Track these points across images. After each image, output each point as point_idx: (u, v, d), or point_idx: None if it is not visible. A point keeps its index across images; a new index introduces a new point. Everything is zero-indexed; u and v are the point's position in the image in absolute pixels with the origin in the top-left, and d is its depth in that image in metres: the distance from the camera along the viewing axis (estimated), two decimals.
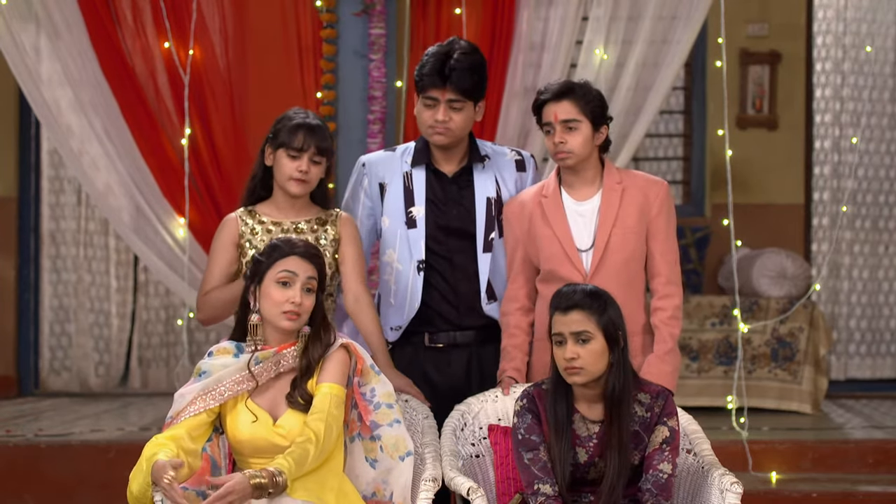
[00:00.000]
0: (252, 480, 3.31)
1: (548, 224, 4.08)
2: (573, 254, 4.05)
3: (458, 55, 4.10)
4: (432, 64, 4.10)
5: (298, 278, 3.57)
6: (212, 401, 3.55)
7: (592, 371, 3.57)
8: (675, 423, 3.63)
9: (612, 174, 4.11)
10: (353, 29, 5.93)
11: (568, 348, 3.56)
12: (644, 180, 4.14)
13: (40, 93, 5.88)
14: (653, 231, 4.08)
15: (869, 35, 8.20)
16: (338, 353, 3.63)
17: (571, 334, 3.56)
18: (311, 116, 4.07)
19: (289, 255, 3.59)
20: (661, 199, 4.09)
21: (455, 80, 4.07)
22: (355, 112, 5.93)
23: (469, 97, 4.12)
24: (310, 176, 4.03)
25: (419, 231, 4.23)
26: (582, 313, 3.56)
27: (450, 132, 4.14)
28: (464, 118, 4.14)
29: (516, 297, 4.16)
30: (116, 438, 6.19)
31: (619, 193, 4.07)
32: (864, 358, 8.30)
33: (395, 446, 3.64)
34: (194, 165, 5.80)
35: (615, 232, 4.04)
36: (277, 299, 3.56)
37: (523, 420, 3.67)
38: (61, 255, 8.21)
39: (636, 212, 4.06)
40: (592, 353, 3.56)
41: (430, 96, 4.12)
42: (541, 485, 3.57)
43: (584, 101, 4.03)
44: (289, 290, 3.56)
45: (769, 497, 5.76)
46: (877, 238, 8.36)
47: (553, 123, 4.04)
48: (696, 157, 8.15)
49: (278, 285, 3.57)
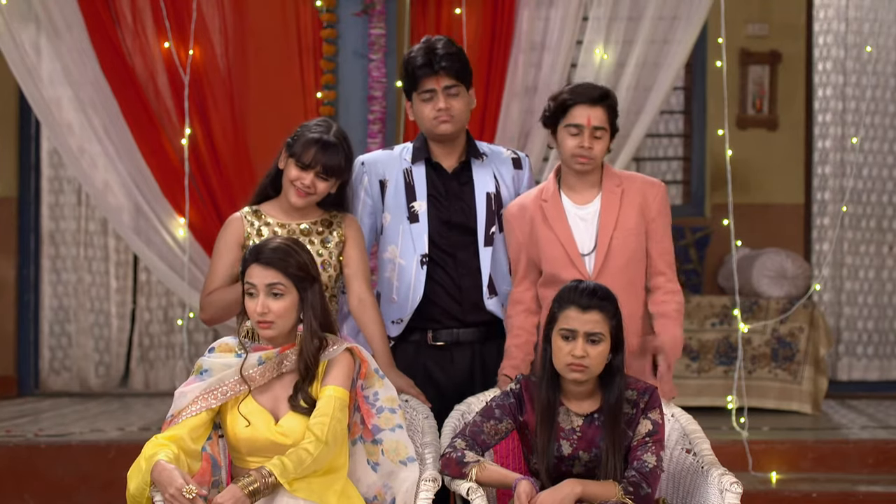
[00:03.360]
0: (246, 490, 3.34)
1: (549, 227, 4.09)
2: (576, 257, 4.06)
3: (441, 45, 4.20)
4: (421, 56, 4.19)
5: (258, 288, 3.56)
6: (213, 401, 3.56)
7: (594, 371, 3.62)
8: (658, 416, 3.66)
9: (611, 177, 4.13)
10: (353, 29, 5.93)
11: (579, 346, 3.58)
12: (642, 182, 4.16)
13: (40, 92, 5.89)
14: (651, 232, 4.11)
15: (871, 34, 8.19)
16: (343, 357, 3.62)
17: (585, 333, 3.59)
18: (331, 132, 4.03)
19: (251, 264, 3.58)
20: (659, 200, 4.13)
21: (446, 66, 4.16)
22: (355, 112, 5.93)
23: (462, 80, 4.21)
24: (315, 190, 4.02)
25: (422, 225, 4.25)
26: (600, 315, 3.60)
27: (453, 119, 4.21)
28: (462, 103, 4.22)
29: (522, 299, 4.18)
30: (116, 438, 6.19)
31: (618, 196, 4.09)
32: (872, 359, 8.29)
33: (396, 451, 3.64)
34: (194, 165, 5.81)
35: (616, 235, 4.06)
36: (249, 310, 3.58)
37: (503, 397, 3.73)
38: (61, 255, 8.20)
39: (636, 214, 4.08)
40: (600, 355, 3.60)
41: (427, 88, 4.18)
42: (460, 440, 3.65)
43: (613, 111, 4.08)
44: (253, 301, 3.56)
45: (769, 497, 5.76)
46: (881, 238, 8.35)
47: (584, 127, 4.02)
48: (697, 157, 8.15)
49: (247, 296, 3.58)
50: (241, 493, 3.33)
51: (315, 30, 5.91)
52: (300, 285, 3.58)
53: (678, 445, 3.91)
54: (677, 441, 3.92)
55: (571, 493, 3.48)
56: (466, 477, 3.57)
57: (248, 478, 3.37)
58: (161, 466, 3.36)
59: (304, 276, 3.59)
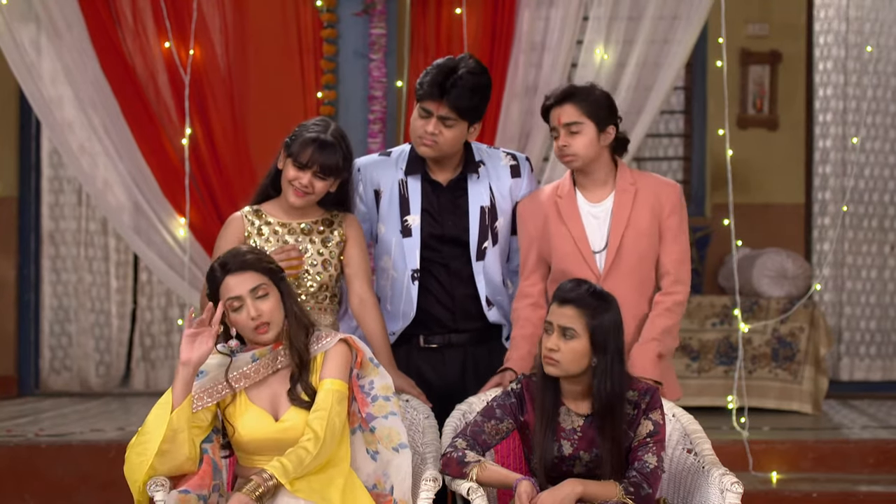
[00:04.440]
0: (253, 496, 3.35)
1: (563, 223, 4.09)
2: (588, 254, 4.07)
3: (463, 73, 4.06)
4: (434, 75, 4.07)
5: (242, 297, 3.54)
6: (208, 399, 3.56)
7: (567, 368, 3.59)
8: (658, 417, 3.64)
9: (625, 176, 4.12)
10: (353, 29, 5.93)
11: (552, 339, 3.58)
12: (656, 182, 4.16)
13: (41, 92, 5.89)
14: (664, 232, 4.10)
15: (872, 34, 8.19)
16: (338, 348, 3.62)
17: (559, 327, 3.58)
18: (329, 131, 4.01)
19: (223, 279, 3.55)
20: (672, 201, 4.11)
21: (453, 97, 4.04)
22: (356, 112, 5.94)
23: (463, 117, 4.09)
24: (312, 189, 4.01)
25: (414, 240, 4.23)
26: (575, 310, 3.58)
27: (437, 146, 4.12)
28: (454, 135, 4.11)
29: (529, 293, 4.17)
30: (117, 438, 6.18)
31: (631, 195, 4.08)
32: (874, 360, 8.29)
33: (389, 437, 3.64)
34: (195, 165, 5.81)
35: (628, 234, 4.06)
36: (242, 323, 3.55)
37: (503, 397, 3.73)
38: (61, 255, 8.21)
39: (648, 214, 4.07)
40: (572, 351, 3.57)
41: (426, 107, 4.09)
42: (461, 440, 3.64)
43: (585, 102, 4.04)
44: (242, 313, 3.54)
45: (770, 497, 5.76)
46: (882, 238, 8.35)
47: (557, 127, 4.05)
48: (697, 157, 8.15)
49: (233, 313, 3.55)
50: (250, 500, 3.35)
51: (315, 29, 5.91)
52: (275, 279, 3.59)
53: (679, 445, 3.91)
54: (678, 441, 3.92)
55: (572, 492, 3.48)
56: (467, 477, 3.57)
57: (251, 483, 3.38)
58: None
59: (274, 267, 3.62)
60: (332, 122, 4.10)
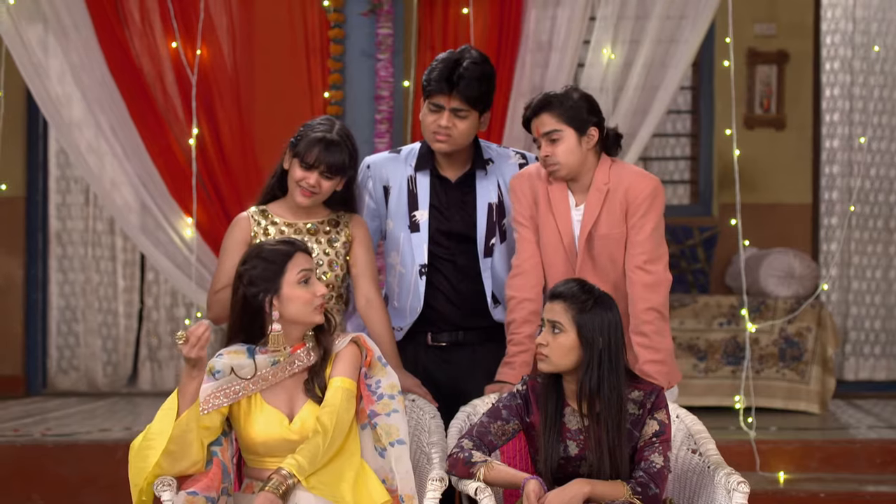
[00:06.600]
0: (279, 492, 3.39)
1: (551, 213, 4.08)
2: (570, 248, 4.06)
3: (468, 63, 4.10)
4: (440, 70, 4.10)
5: (312, 271, 3.62)
6: (224, 399, 3.56)
7: (556, 363, 3.59)
8: (664, 417, 3.64)
9: (602, 174, 4.06)
10: (360, 29, 5.94)
11: (542, 334, 3.60)
12: (630, 177, 4.06)
13: (48, 92, 5.90)
14: (632, 225, 4.03)
15: (879, 34, 8.19)
16: (349, 348, 3.66)
17: (548, 321, 3.59)
18: (334, 130, 4.02)
19: (294, 253, 3.61)
20: (643, 196, 4.02)
21: (462, 88, 4.07)
22: (363, 112, 5.94)
23: (474, 107, 4.12)
24: (319, 189, 4.01)
25: (422, 235, 4.24)
26: (563, 305, 3.58)
27: (451, 139, 4.14)
28: (467, 127, 4.14)
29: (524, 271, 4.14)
30: (124, 438, 6.19)
31: (603, 195, 4.04)
32: (879, 359, 8.28)
33: (388, 433, 3.64)
34: (202, 165, 5.81)
35: (595, 235, 4.03)
36: (306, 298, 3.58)
37: (509, 398, 3.73)
38: (68, 254, 8.22)
39: (619, 212, 4.03)
40: (560, 346, 3.57)
41: (436, 102, 4.12)
42: (467, 440, 3.64)
43: (561, 109, 3.99)
44: (311, 287, 3.60)
45: (777, 497, 5.76)
46: (889, 238, 8.34)
47: (538, 139, 4.03)
48: (704, 157, 8.15)
49: (300, 285, 3.58)
50: (275, 496, 3.38)
51: (322, 30, 5.92)
52: None
53: (683, 446, 3.90)
54: (683, 441, 3.91)
55: (580, 492, 3.48)
56: (474, 477, 3.57)
57: (272, 481, 3.41)
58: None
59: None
60: (336, 120, 4.11)
